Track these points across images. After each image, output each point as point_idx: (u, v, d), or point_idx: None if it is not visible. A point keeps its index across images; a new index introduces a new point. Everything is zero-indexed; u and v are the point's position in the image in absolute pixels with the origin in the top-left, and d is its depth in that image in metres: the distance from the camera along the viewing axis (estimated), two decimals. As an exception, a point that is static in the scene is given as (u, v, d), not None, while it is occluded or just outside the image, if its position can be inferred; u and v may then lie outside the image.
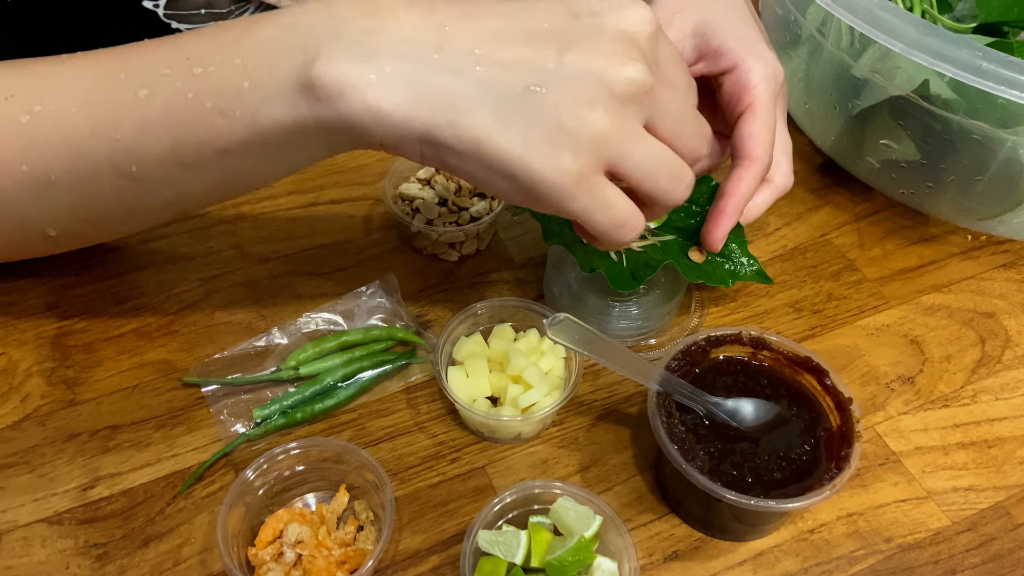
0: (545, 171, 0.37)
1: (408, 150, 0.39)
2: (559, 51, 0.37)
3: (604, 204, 0.39)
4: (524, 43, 0.38)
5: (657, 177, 0.40)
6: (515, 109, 0.37)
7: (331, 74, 0.37)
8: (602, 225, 0.39)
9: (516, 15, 0.39)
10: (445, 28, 0.38)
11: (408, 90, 0.37)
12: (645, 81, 0.38)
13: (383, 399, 0.55)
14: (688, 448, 0.46)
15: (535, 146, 0.37)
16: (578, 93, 0.37)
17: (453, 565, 0.48)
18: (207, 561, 0.47)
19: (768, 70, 0.51)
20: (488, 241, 0.65)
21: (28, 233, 0.48)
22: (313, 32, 0.38)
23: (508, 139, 0.37)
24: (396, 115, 0.37)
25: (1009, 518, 0.51)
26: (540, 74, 0.37)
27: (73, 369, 0.56)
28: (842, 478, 0.45)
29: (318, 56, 0.37)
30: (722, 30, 0.52)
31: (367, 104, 0.37)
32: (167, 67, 0.41)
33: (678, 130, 0.40)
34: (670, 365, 0.50)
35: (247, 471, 0.47)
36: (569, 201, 0.38)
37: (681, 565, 0.48)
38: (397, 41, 0.38)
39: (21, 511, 0.49)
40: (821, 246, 0.66)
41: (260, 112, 0.39)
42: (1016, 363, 0.59)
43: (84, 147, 0.42)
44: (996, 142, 0.56)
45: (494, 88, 0.37)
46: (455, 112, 0.37)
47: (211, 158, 0.42)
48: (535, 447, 0.53)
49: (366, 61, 0.37)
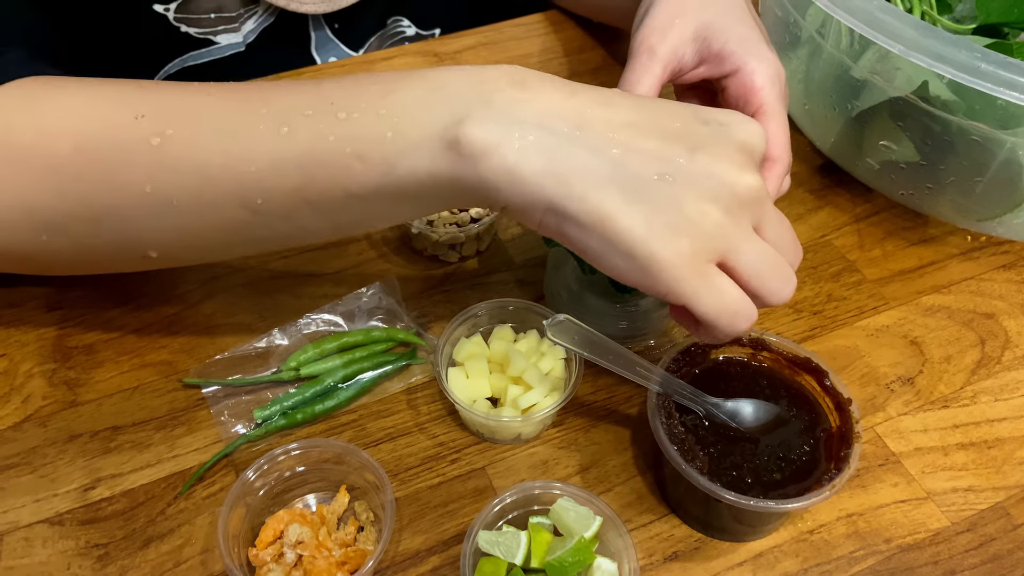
0: (664, 252, 0.39)
1: (532, 216, 0.41)
2: (690, 149, 0.40)
3: (716, 290, 0.40)
4: (658, 137, 0.41)
5: (765, 275, 0.41)
6: (643, 193, 0.39)
7: (479, 135, 0.39)
8: (713, 310, 0.40)
9: (652, 111, 0.42)
10: (586, 111, 0.41)
11: (547, 159, 0.39)
12: (761, 188, 0.41)
13: (383, 400, 0.55)
14: (688, 449, 0.46)
15: (656, 229, 0.39)
16: (704, 189, 0.40)
17: (453, 566, 0.48)
18: (208, 562, 0.48)
19: (772, 70, 0.51)
20: (488, 242, 0.65)
21: (130, 252, 0.48)
22: (463, 95, 0.40)
23: (632, 219, 0.39)
24: (532, 182, 0.39)
25: (1009, 519, 0.51)
26: (671, 166, 0.40)
27: (74, 370, 0.56)
28: (841, 479, 0.45)
29: (468, 117, 0.39)
30: (723, 33, 0.52)
31: (507, 166, 0.39)
32: (310, 108, 0.42)
33: (781, 239, 0.43)
34: (670, 366, 0.50)
35: (248, 472, 0.47)
36: (681, 283, 0.39)
37: (681, 566, 0.48)
38: (542, 114, 0.40)
39: (22, 512, 0.49)
40: (821, 247, 0.66)
41: (400, 162, 0.41)
42: (1016, 364, 0.59)
43: (214, 176, 0.43)
44: (995, 143, 0.57)
45: (627, 171, 0.39)
46: (587, 187, 0.39)
47: (338, 200, 0.43)
48: (535, 448, 0.53)
49: (513, 127, 0.39)
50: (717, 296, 0.40)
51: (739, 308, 0.41)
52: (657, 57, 0.51)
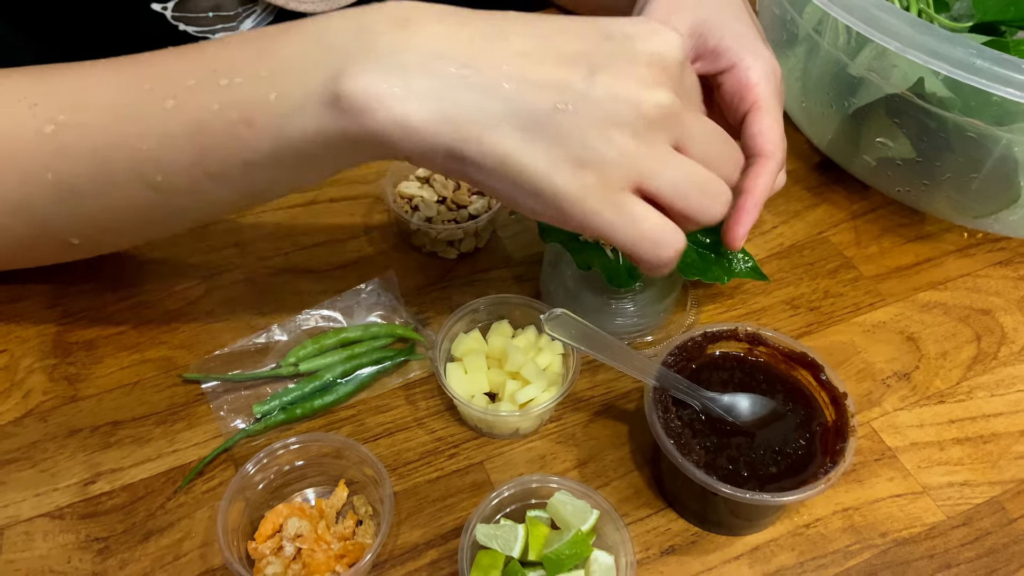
0: (569, 186, 0.37)
1: (434, 164, 0.39)
2: (589, 72, 0.38)
3: (631, 219, 0.38)
4: (554, 63, 0.38)
5: (689, 194, 0.39)
6: (542, 127, 0.37)
7: (359, 88, 0.37)
8: (632, 240, 0.39)
9: (548, 34, 0.39)
10: (475, 44, 0.38)
11: (436, 105, 0.37)
12: (672, 105, 0.38)
13: (382, 395, 0.56)
14: (684, 443, 0.47)
15: (558, 163, 0.37)
16: (606, 114, 0.37)
17: (451, 559, 0.48)
18: (207, 555, 0.48)
19: (767, 67, 0.51)
20: (487, 239, 0.65)
21: (52, 241, 0.48)
22: (341, 45, 0.38)
23: (533, 156, 0.37)
24: (424, 130, 0.37)
25: (1004, 513, 0.51)
26: (568, 94, 0.38)
27: (74, 366, 0.56)
28: (837, 472, 0.45)
29: (346, 70, 0.38)
30: (719, 29, 0.52)
31: (394, 118, 0.37)
32: (192, 78, 0.42)
33: (708, 153, 0.41)
34: (667, 360, 0.50)
35: (247, 465, 0.48)
36: (593, 216, 0.38)
37: (677, 559, 0.49)
38: (426, 56, 0.38)
39: (23, 506, 0.49)
40: (818, 244, 0.67)
41: (286, 124, 0.40)
42: (1011, 359, 0.59)
43: (110, 157, 0.43)
44: (991, 140, 0.57)
45: (521, 106, 0.37)
46: (481, 128, 0.37)
47: (237, 168, 0.42)
48: (533, 443, 0.54)
49: (394, 75, 0.37)
50: (632, 225, 0.38)
51: (659, 236, 0.39)
52: None
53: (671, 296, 0.59)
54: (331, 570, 0.46)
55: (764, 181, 0.52)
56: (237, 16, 0.71)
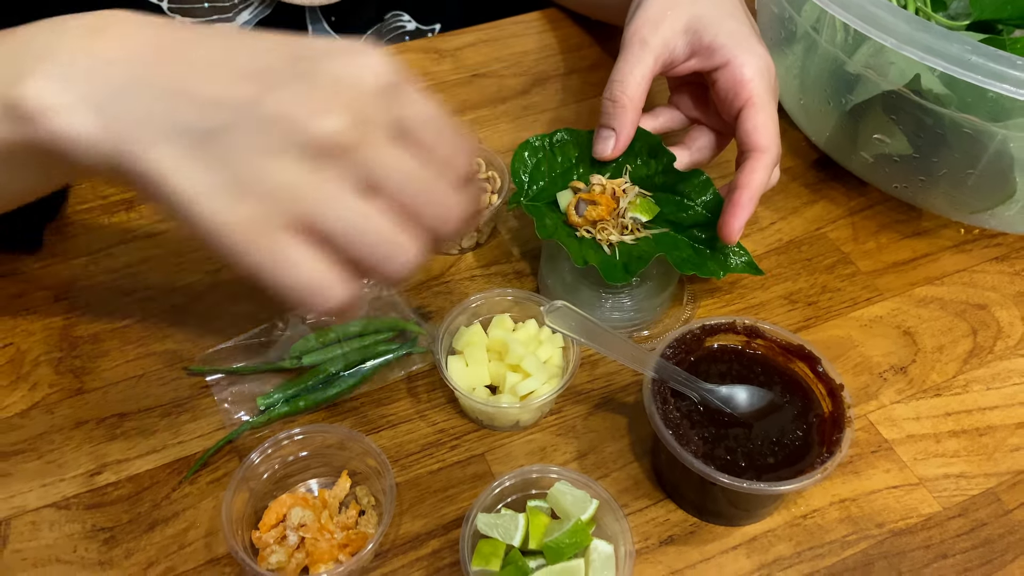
0: (221, 217, 0.34)
1: (105, 178, 0.37)
2: (260, 92, 0.34)
3: (286, 264, 0.34)
4: (230, 80, 0.35)
5: (366, 241, 0.35)
6: (201, 149, 0.34)
7: (30, 96, 0.35)
8: (283, 286, 0.35)
9: (237, 50, 0.36)
10: (159, 54, 0.36)
11: (99, 117, 0.35)
12: (346, 133, 0.34)
13: (384, 388, 0.56)
14: (683, 434, 0.47)
15: (217, 191, 0.34)
16: (265, 140, 0.34)
17: (452, 548, 0.49)
18: (212, 544, 0.48)
19: (761, 63, 0.52)
20: (488, 235, 0.66)
21: None
22: (30, 51, 0.36)
23: (191, 180, 0.34)
24: (87, 142, 0.35)
25: (999, 504, 0.52)
26: (233, 114, 0.34)
27: (80, 359, 0.57)
28: (833, 462, 0.46)
29: (23, 76, 0.35)
30: (713, 26, 0.53)
31: (59, 129, 0.35)
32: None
33: (407, 194, 0.36)
34: (665, 353, 0.51)
35: (252, 455, 0.48)
36: (241, 256, 0.34)
37: (676, 549, 0.49)
38: (103, 63, 0.35)
39: (29, 496, 0.50)
40: (816, 239, 0.67)
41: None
42: (1007, 353, 0.60)
43: None
44: (987, 135, 0.57)
45: (182, 124, 0.34)
46: (143, 145, 0.34)
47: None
48: (533, 435, 0.54)
49: (65, 83, 0.35)
50: (288, 271, 0.34)
51: (319, 285, 0.35)
52: (649, 48, 0.52)
53: (668, 291, 0.59)
54: (334, 559, 0.47)
55: (759, 176, 0.53)
56: (233, 8, 0.71)
